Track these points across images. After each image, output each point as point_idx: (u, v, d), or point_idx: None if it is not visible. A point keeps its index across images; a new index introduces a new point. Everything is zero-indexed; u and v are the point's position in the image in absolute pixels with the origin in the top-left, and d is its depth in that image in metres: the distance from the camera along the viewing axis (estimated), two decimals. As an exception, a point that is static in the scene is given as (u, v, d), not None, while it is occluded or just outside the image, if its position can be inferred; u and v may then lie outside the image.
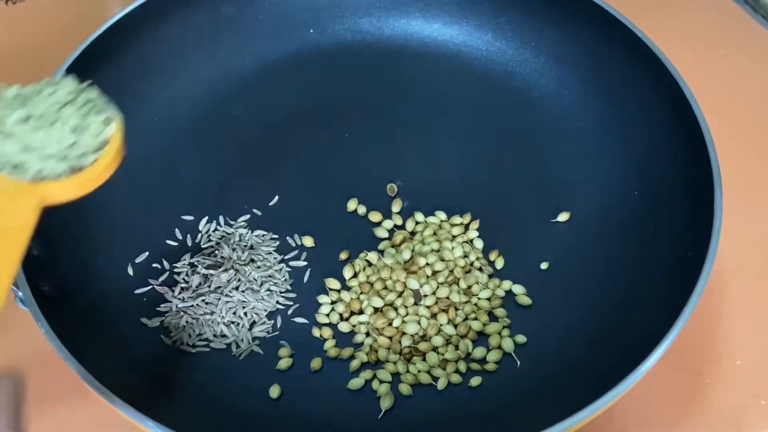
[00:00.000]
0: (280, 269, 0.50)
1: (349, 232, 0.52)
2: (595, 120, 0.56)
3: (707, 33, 0.68)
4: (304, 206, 0.53)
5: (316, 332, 0.48)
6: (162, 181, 0.54)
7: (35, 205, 0.34)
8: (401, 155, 0.56)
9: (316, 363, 0.47)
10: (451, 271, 0.49)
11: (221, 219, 0.52)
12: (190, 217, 0.52)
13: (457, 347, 0.47)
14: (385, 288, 0.49)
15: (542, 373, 0.46)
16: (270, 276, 0.50)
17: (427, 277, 0.49)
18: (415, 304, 0.48)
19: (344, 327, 0.48)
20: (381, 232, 0.52)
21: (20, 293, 0.42)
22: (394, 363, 0.46)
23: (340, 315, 0.49)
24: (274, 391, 0.45)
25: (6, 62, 0.64)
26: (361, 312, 0.48)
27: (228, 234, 0.51)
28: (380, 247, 0.51)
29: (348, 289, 0.50)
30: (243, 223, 0.52)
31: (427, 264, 0.49)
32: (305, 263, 0.51)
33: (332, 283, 0.50)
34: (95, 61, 0.52)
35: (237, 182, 0.54)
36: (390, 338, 0.47)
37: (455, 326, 0.48)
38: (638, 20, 0.53)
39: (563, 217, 0.52)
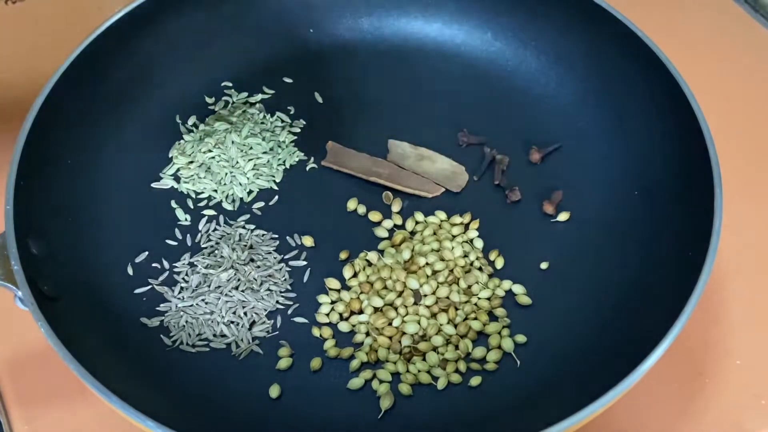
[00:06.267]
0: (280, 269, 0.50)
1: (349, 231, 0.52)
2: (595, 120, 0.56)
3: (707, 33, 0.68)
4: (304, 206, 0.53)
5: (316, 332, 0.48)
6: (161, 179, 0.54)
7: None
8: (401, 155, 0.56)
9: (315, 363, 0.46)
10: (451, 271, 0.49)
11: (221, 218, 0.52)
12: (189, 217, 0.53)
13: (457, 347, 0.47)
14: (385, 288, 0.49)
15: (542, 373, 0.46)
16: (270, 276, 0.50)
17: (427, 276, 0.49)
18: (415, 303, 0.48)
19: (344, 327, 0.48)
20: (381, 232, 0.52)
21: (20, 293, 0.42)
22: (394, 363, 0.46)
23: (340, 315, 0.49)
24: (274, 391, 0.45)
25: (6, 62, 0.64)
26: (361, 312, 0.48)
27: (228, 233, 0.51)
28: (380, 246, 0.51)
29: (348, 288, 0.50)
30: (243, 223, 0.52)
31: (427, 264, 0.49)
32: (305, 263, 0.51)
33: (332, 282, 0.50)
34: (94, 62, 0.52)
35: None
36: (390, 338, 0.47)
37: (455, 326, 0.48)
38: (638, 20, 0.53)
39: (563, 217, 0.52)
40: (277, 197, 0.54)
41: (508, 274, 0.50)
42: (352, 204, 0.53)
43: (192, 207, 0.53)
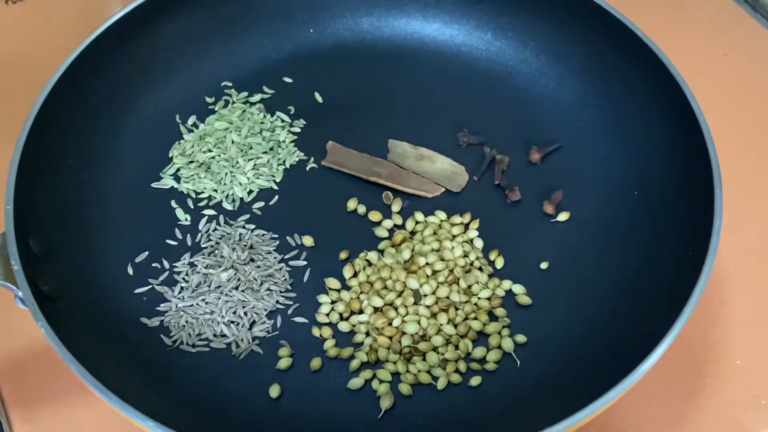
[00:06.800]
0: (280, 269, 0.50)
1: (349, 231, 0.52)
2: (595, 120, 0.56)
3: (707, 33, 0.68)
4: (304, 206, 0.53)
5: (316, 332, 0.48)
6: (161, 179, 0.54)
7: None
8: (401, 155, 0.56)
9: (315, 363, 0.46)
10: (451, 271, 0.49)
11: (221, 218, 0.52)
12: (189, 217, 0.53)
13: (457, 347, 0.47)
14: (385, 288, 0.49)
15: (542, 373, 0.46)
16: (270, 275, 0.50)
17: (427, 276, 0.49)
18: (415, 303, 0.48)
19: (344, 327, 0.48)
20: (381, 232, 0.52)
21: (20, 293, 0.42)
22: (394, 363, 0.46)
23: (340, 315, 0.49)
24: (274, 391, 0.45)
25: (6, 62, 0.65)
26: (361, 312, 0.48)
27: (228, 233, 0.51)
28: (380, 246, 0.51)
29: (348, 288, 0.50)
30: (243, 223, 0.52)
31: (427, 263, 0.49)
32: (305, 263, 0.51)
33: (332, 282, 0.50)
34: (94, 62, 0.52)
35: (237, 182, 0.54)
36: (390, 338, 0.47)
37: (455, 326, 0.48)
38: (638, 20, 0.53)
39: (563, 217, 0.52)
40: (277, 197, 0.54)
41: (508, 274, 0.50)
42: (352, 204, 0.53)
43: (192, 207, 0.53)
